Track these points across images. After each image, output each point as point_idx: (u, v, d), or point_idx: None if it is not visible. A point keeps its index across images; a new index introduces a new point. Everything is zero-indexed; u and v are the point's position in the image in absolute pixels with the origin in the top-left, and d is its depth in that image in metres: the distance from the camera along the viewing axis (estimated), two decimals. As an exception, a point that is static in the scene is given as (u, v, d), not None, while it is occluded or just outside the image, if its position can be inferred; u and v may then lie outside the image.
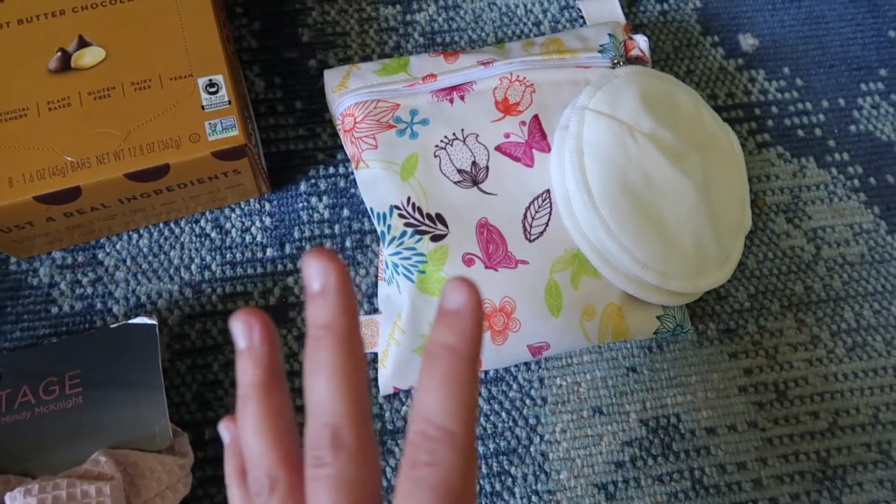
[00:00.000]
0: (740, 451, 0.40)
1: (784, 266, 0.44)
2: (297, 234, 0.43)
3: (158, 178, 0.38)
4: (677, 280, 0.37)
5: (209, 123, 0.38)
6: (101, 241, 0.42)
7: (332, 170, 0.45)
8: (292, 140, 0.45)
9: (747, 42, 0.49)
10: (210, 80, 0.38)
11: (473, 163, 0.40)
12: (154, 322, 0.36)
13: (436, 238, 0.38)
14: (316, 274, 0.22)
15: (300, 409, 0.39)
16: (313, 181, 0.44)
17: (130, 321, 0.36)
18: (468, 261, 0.38)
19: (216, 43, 0.39)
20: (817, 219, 0.45)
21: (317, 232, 0.43)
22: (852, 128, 0.47)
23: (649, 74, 0.41)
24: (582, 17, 0.49)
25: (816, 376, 0.42)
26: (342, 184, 0.44)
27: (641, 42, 0.43)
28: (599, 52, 0.42)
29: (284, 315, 0.41)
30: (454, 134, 0.40)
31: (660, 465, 0.39)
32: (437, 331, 0.22)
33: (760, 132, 0.47)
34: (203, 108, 0.38)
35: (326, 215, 0.44)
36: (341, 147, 0.45)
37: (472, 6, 0.49)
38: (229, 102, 0.38)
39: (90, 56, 0.38)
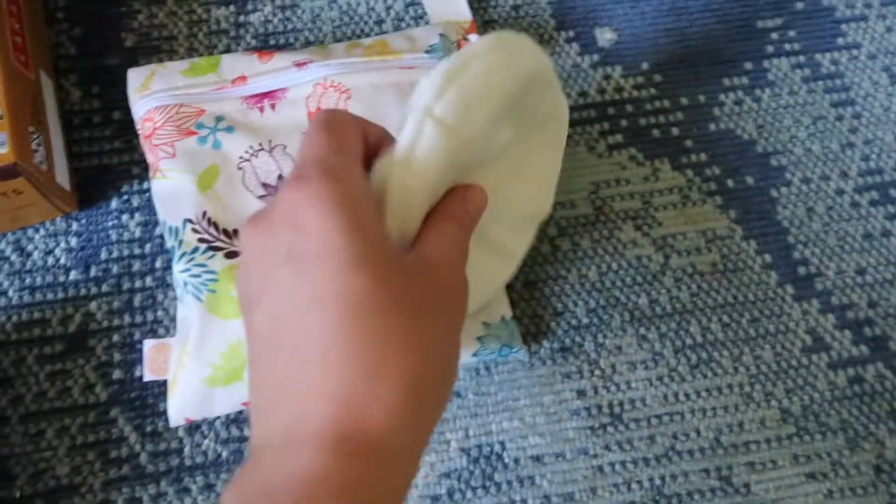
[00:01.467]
0: (568, 481, 0.37)
1: (629, 277, 0.41)
2: (104, 256, 0.40)
3: (-78, 202, 0.35)
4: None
5: (-24, 141, 0.35)
6: None
7: (146, 185, 0.42)
8: (107, 153, 0.42)
9: (604, 37, 0.46)
10: (-19, 94, 0.36)
11: (280, 176, 0.37)
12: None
13: (231, 255, 0.35)
14: None
15: (111, 442, 0.37)
16: (126, 197, 0.41)
17: None
18: (259, 283, 0.35)
19: (-9, 53, 0.36)
20: (668, 225, 0.42)
21: (126, 252, 0.40)
22: (712, 126, 0.44)
23: (509, 55, 0.30)
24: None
25: (655, 397, 0.39)
26: (156, 200, 0.41)
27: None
28: (427, 52, 0.40)
29: (84, 343, 0.39)
30: (260, 144, 0.37)
31: (479, 498, 0.37)
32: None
33: (613, 133, 0.44)
34: (-29, 124, 0.35)
35: (138, 234, 0.41)
36: (158, 160, 0.42)
37: (311, 5, 0.46)
38: (0, 117, 0.35)
39: None
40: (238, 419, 0.38)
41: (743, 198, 0.43)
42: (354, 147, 0.26)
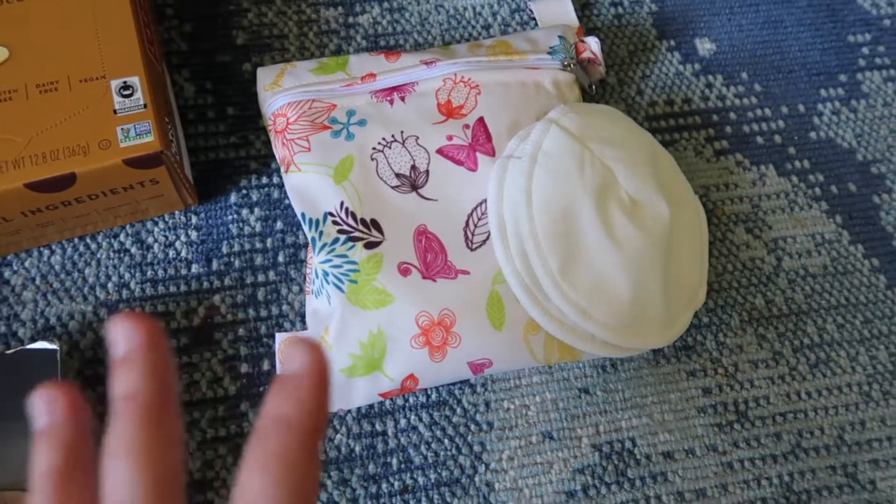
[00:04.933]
0: (699, 477, 0.37)
1: (744, 279, 0.42)
2: (225, 249, 0.40)
3: (64, 189, 0.34)
4: (599, 326, 0.34)
5: (121, 129, 0.35)
6: (8, 257, 0.39)
7: (265, 179, 0.42)
8: (223, 148, 0.42)
9: (704, 47, 0.47)
10: (124, 83, 0.35)
11: (413, 167, 0.37)
12: (55, 347, 0.33)
13: (370, 245, 0.35)
14: (120, 338, 0.20)
15: (242, 436, 0.36)
16: (244, 192, 0.41)
17: (29, 346, 0.33)
18: (404, 270, 0.35)
19: (133, 42, 0.36)
20: (778, 229, 0.43)
21: (247, 246, 0.40)
22: (812, 134, 0.46)
23: (631, 123, 0.40)
24: (534, 20, 0.47)
25: (778, 395, 0.39)
26: (276, 194, 0.41)
27: (593, 44, 0.41)
28: (549, 53, 0.40)
29: (210, 337, 0.38)
30: (393, 136, 0.38)
31: (614, 494, 0.37)
32: (270, 401, 0.20)
33: (718, 139, 0.45)
34: (115, 112, 0.35)
35: (258, 228, 0.41)
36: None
37: (419, 8, 0.47)
38: (145, 106, 0.35)
39: (-9, 56, 0.35)
40: (369, 414, 0.37)
41: (847, 204, 0.44)
42: None
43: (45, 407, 0.20)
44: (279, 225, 0.41)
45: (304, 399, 0.19)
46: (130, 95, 0.35)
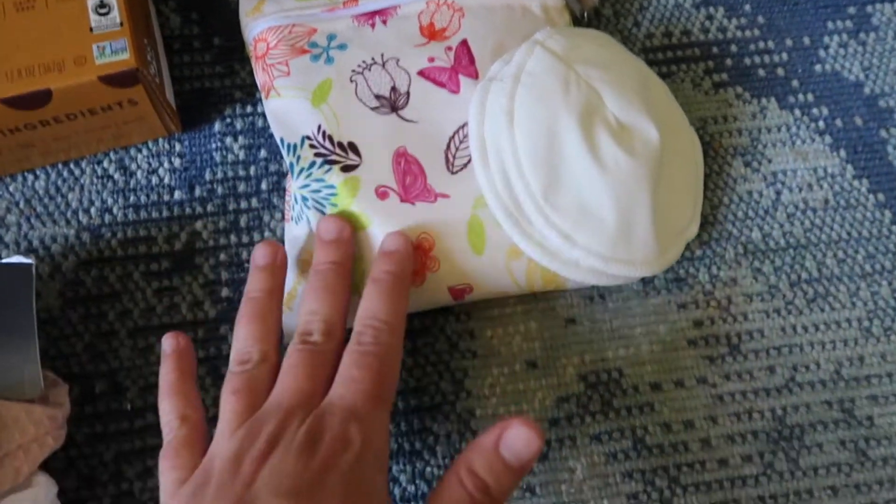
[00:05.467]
0: (688, 409, 0.36)
1: (740, 212, 0.40)
2: (208, 176, 0.40)
3: (41, 106, 0.34)
4: (583, 251, 0.33)
5: (97, 46, 0.34)
6: (-6, 182, 0.39)
7: (249, 109, 0.41)
8: (208, 77, 0.42)
9: (706, -22, 0.46)
10: (101, 1, 0.35)
11: (393, 88, 0.36)
12: (31, 262, 0.32)
13: (347, 168, 0.35)
14: (333, 230, 0.34)
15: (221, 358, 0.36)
16: (229, 120, 0.41)
17: (3, 261, 0.33)
18: (382, 193, 0.34)
19: (111, -39, 0.36)
20: (778, 162, 0.41)
21: (230, 174, 0.40)
22: (818, 67, 0.44)
23: (621, 48, 0.39)
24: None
25: (773, 329, 0.38)
26: (260, 123, 0.41)
27: (584, -31, 0.40)
28: (538, -23, 0.39)
29: (191, 261, 0.38)
30: (373, 58, 0.37)
31: (598, 423, 0.36)
32: (380, 264, 0.33)
33: (718, 72, 0.43)
34: (91, 29, 0.34)
35: (241, 156, 0.40)
36: (261, 85, 0.42)
37: (410, -60, 0.46)
38: (121, 24, 0.35)
39: (-31, -27, 0.35)
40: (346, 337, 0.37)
41: (853, 138, 0.42)
42: None
43: (267, 251, 0.34)
44: (263, 153, 0.40)
45: (399, 260, 0.33)
46: (107, 14, 0.35)
